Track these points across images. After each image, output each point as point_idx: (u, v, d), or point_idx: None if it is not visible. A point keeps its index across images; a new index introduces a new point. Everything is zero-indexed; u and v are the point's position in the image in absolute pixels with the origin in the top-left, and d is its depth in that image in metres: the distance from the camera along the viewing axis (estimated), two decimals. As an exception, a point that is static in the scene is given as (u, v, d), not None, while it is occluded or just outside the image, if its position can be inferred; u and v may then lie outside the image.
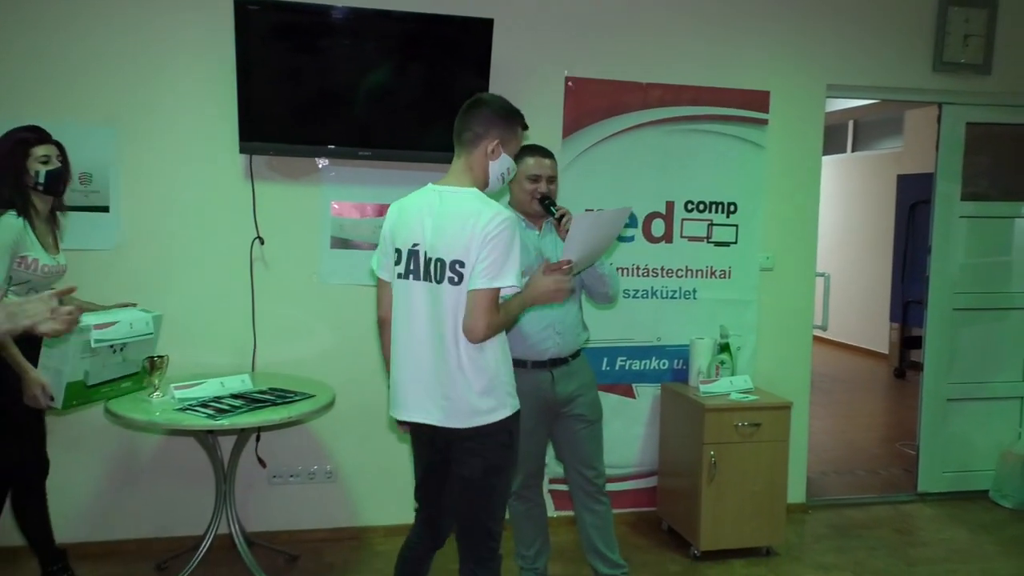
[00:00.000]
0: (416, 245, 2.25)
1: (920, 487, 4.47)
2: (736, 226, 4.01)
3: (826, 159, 4.40)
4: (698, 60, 3.92)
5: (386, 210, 2.40)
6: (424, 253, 2.24)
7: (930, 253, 4.41)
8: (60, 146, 2.83)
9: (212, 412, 2.83)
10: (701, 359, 3.83)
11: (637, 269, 3.91)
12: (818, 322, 4.30)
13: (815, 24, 4.04)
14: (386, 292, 2.37)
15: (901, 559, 3.70)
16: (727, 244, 4.00)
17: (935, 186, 4.40)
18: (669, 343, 3.97)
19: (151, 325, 2.91)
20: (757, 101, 3.97)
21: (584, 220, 2.48)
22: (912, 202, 7.53)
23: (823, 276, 4.35)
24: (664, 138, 3.89)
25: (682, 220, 3.95)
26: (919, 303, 4.96)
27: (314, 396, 3.07)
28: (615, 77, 3.81)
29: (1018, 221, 4.47)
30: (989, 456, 4.45)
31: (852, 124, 9.33)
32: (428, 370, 2.25)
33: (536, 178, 2.84)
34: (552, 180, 2.88)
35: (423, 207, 2.27)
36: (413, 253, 2.26)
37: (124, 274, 3.39)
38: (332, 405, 3.12)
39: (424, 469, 2.44)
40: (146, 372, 2.95)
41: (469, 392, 2.22)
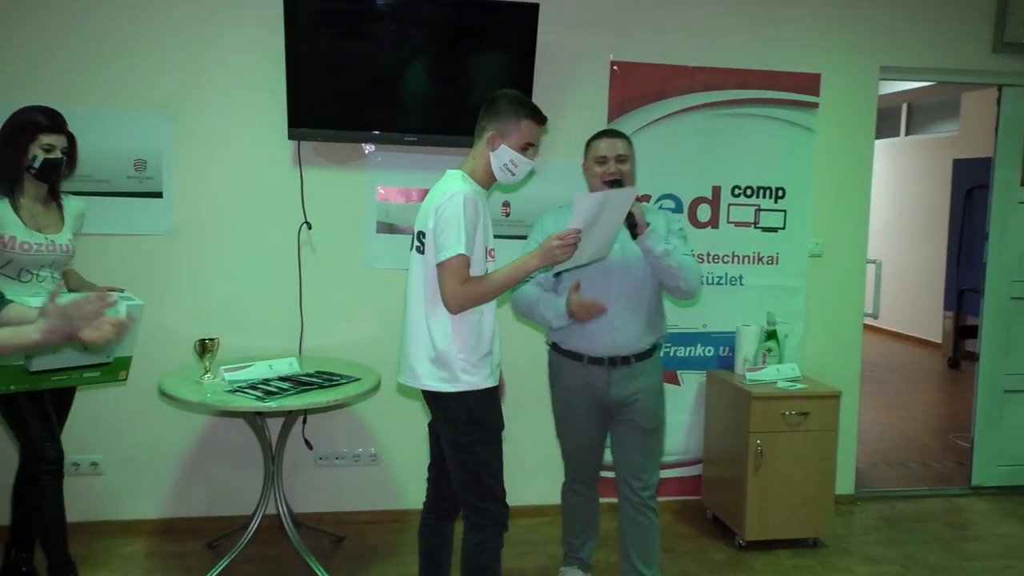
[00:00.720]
0: None
1: (974, 480, 4.36)
2: (784, 211, 3.94)
3: (879, 143, 4.30)
4: (746, 43, 3.85)
5: (431, 195, 2.50)
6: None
7: (987, 240, 4.29)
8: (72, 138, 2.78)
9: (261, 394, 2.88)
10: (747, 346, 3.78)
11: (683, 255, 3.88)
12: (869, 310, 4.21)
13: (868, 4, 3.93)
14: None
15: (953, 554, 3.61)
16: (775, 230, 3.94)
17: (993, 171, 4.26)
18: (715, 330, 3.92)
19: (122, 315, 2.60)
20: (807, 84, 3.89)
21: (589, 198, 2.43)
22: (969, 187, 7.32)
23: (874, 263, 4.25)
24: (711, 122, 3.83)
25: (729, 205, 3.89)
26: (975, 291, 4.82)
27: (360, 379, 3.11)
28: (661, 61, 3.76)
29: (1082, 207, 4.31)
30: (1047, 449, 4.33)
31: (906, 107, 9.09)
32: (403, 331, 2.47)
33: (603, 160, 2.77)
34: (623, 160, 2.76)
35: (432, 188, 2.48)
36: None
37: (176, 259, 3.46)
38: (377, 389, 3.16)
39: (429, 432, 2.63)
40: (120, 366, 2.81)
41: (420, 356, 2.40)
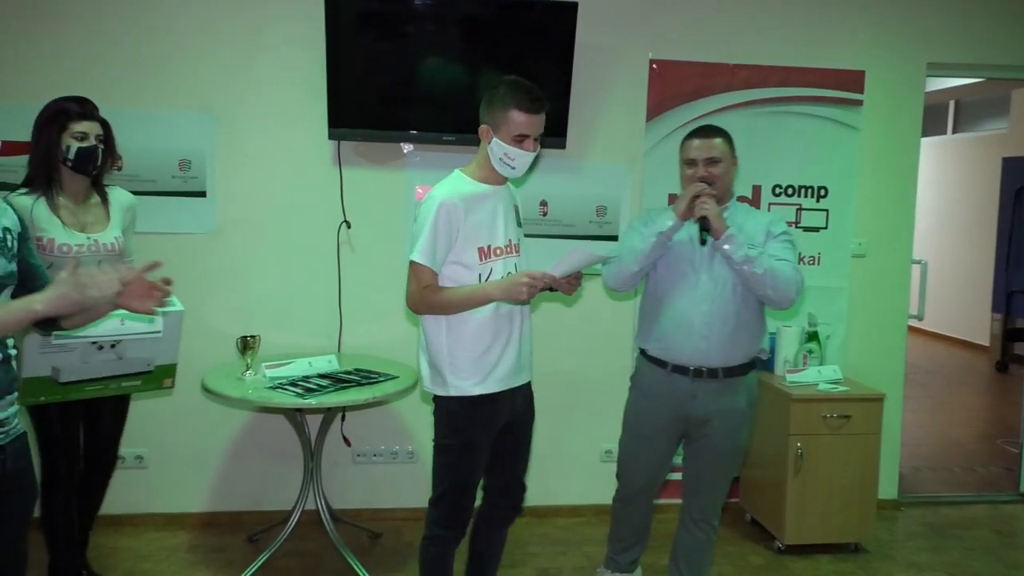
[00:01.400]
0: None
1: (1023, 487, 4.25)
2: (826, 211, 3.87)
3: (925, 141, 4.21)
4: (787, 39, 3.80)
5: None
6: None
7: (1038, 240, 4.17)
8: (106, 125, 2.65)
9: (301, 391, 2.92)
10: (788, 347, 3.72)
11: (722, 255, 3.84)
12: (914, 311, 4.13)
13: (915, -1, 3.86)
14: None
15: (1000, 561, 3.53)
16: (817, 229, 3.88)
17: (1045, 169, 4.15)
18: (754, 331, 3.88)
19: (157, 324, 2.56)
20: (851, 81, 3.82)
21: (584, 254, 2.32)
22: (1018, 186, 7.15)
23: (920, 263, 4.16)
24: (751, 121, 3.79)
25: (769, 204, 3.84)
26: (1024, 293, 4.70)
27: (397, 377, 3.13)
28: (701, 59, 3.73)
29: None
30: (1101, 456, 4.20)
31: (953, 104, 8.88)
32: None
33: (692, 162, 2.60)
34: (714, 163, 2.58)
35: None
36: None
37: (219, 257, 3.52)
38: (415, 387, 3.18)
39: None
40: (164, 374, 2.68)
41: (421, 357, 2.47)
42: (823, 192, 3.87)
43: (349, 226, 3.60)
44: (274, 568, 3.20)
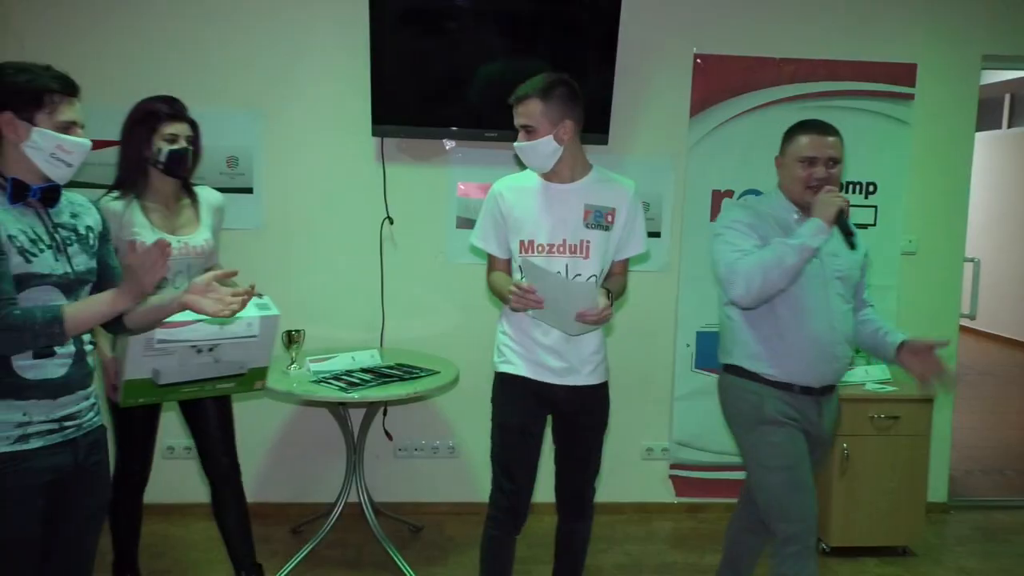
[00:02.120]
0: None
1: (1079, 492, 4.13)
2: (875, 207, 3.79)
3: (978, 135, 4.09)
4: (836, 32, 3.72)
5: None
6: None
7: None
8: (194, 125, 2.60)
9: (344, 385, 2.95)
10: (834, 347, 3.66)
11: (766, 252, 3.78)
12: (966, 310, 4.02)
13: (970, -11, 3.75)
14: None
15: (1056, 568, 3.43)
16: (865, 226, 3.79)
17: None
18: (799, 329, 3.82)
19: (254, 327, 2.51)
20: (902, 74, 3.73)
21: (544, 276, 2.26)
22: (1078, 182, 6.91)
23: (972, 261, 4.05)
24: (797, 115, 3.63)
25: (816, 201, 3.78)
26: (1083, 292, 4.55)
27: (439, 373, 3.15)
28: (746, 53, 3.67)
29: None
30: None
31: (1009, 97, 8.62)
32: None
33: (810, 161, 2.34)
34: (834, 163, 2.34)
35: None
36: None
37: (265, 253, 3.58)
38: (456, 382, 3.20)
39: None
40: (256, 376, 2.61)
41: None
42: (872, 188, 3.79)
43: (392, 222, 3.63)
44: (317, 559, 3.25)
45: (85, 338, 1.87)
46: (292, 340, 3.17)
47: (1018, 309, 8.21)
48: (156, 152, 2.50)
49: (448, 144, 3.63)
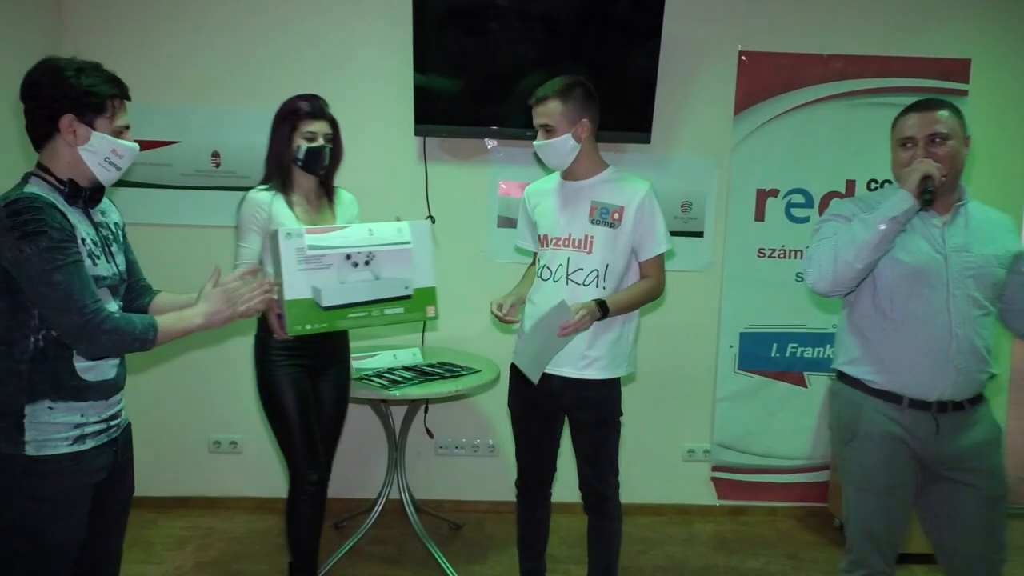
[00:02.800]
0: None
1: None
2: (926, 207, 3.70)
3: (1036, 133, 3.96)
4: (886, 28, 3.64)
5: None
6: None
7: None
8: (334, 123, 2.66)
9: (386, 383, 2.98)
10: (882, 349, 3.57)
11: (812, 252, 3.72)
12: (1020, 312, 3.90)
13: (1027, -18, 3.64)
14: None
15: (1115, 580, 3.31)
16: (915, 226, 3.71)
17: None
18: (846, 331, 3.75)
19: (405, 233, 2.37)
20: (956, 70, 3.64)
21: (552, 319, 2.41)
22: None
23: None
24: (846, 113, 3.65)
25: (865, 200, 3.70)
26: None
27: (480, 371, 3.16)
28: (793, 49, 3.62)
29: None
30: None
31: (1068, 93, 8.33)
32: None
33: (908, 142, 2.11)
34: (940, 140, 2.06)
35: None
36: None
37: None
38: (497, 381, 3.20)
39: None
40: (424, 299, 2.41)
41: None
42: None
43: (434, 221, 3.65)
44: (359, 555, 3.28)
45: None
46: (335, 337, 3.21)
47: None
48: (296, 149, 2.60)
49: (489, 143, 3.64)
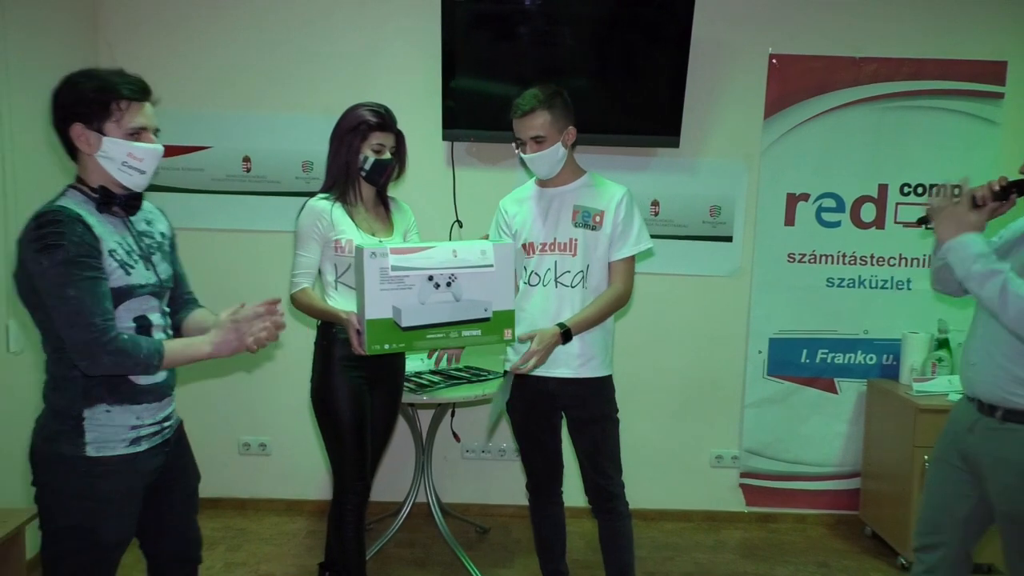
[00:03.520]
0: None
1: None
2: (961, 211, 3.65)
3: (1074, 135, 3.88)
4: (919, 30, 3.59)
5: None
6: None
7: None
8: (400, 136, 2.66)
9: (413, 386, 2.99)
10: (915, 355, 3.53)
11: (843, 257, 3.68)
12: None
13: (1065, -18, 3.57)
14: None
15: None
16: (949, 231, 3.65)
17: None
18: (877, 336, 3.70)
19: (489, 256, 2.32)
20: (991, 72, 3.58)
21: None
22: None
23: (1066, 268, 3.85)
24: (878, 116, 3.61)
25: (896, 204, 3.65)
26: None
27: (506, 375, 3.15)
28: (824, 52, 3.58)
29: None
30: None
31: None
32: None
33: None
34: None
35: None
36: None
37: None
38: (524, 385, 3.20)
39: None
40: (503, 322, 2.36)
41: None
42: (957, 191, 3.63)
43: (461, 225, 3.66)
44: (386, 557, 3.30)
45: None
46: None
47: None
48: (363, 160, 2.58)
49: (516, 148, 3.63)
